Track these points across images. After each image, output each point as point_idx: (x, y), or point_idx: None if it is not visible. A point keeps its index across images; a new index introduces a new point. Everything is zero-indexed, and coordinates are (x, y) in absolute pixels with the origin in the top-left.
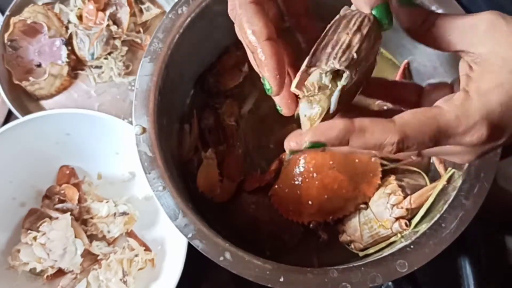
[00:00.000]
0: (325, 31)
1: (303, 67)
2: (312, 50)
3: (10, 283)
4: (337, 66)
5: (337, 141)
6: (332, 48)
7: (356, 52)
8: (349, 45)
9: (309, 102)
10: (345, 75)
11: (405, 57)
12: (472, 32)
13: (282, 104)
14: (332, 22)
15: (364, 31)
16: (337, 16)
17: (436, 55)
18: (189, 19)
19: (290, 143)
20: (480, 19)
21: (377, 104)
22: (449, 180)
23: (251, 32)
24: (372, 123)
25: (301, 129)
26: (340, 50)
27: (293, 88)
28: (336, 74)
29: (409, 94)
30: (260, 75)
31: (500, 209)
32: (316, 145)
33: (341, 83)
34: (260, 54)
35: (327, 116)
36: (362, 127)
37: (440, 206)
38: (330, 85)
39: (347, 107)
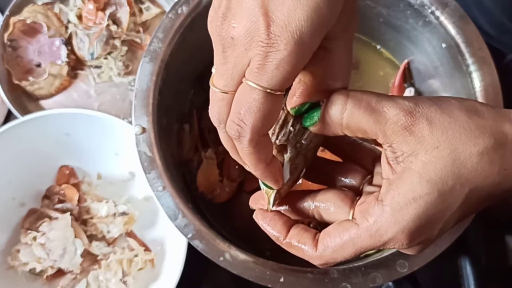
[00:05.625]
0: None
1: None
2: None
3: (9, 283)
4: (277, 143)
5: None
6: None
7: (292, 126)
8: (285, 120)
9: None
10: (288, 148)
11: (405, 57)
12: (396, 125)
13: (268, 182)
14: None
15: None
16: None
17: (437, 55)
18: (189, 19)
19: (253, 205)
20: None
21: None
22: None
23: (254, 162)
24: (297, 246)
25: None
26: (277, 126)
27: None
28: (281, 148)
29: (365, 160)
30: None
31: (500, 209)
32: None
33: (287, 156)
34: (262, 176)
35: (283, 186)
36: (290, 245)
37: None
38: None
39: (310, 164)
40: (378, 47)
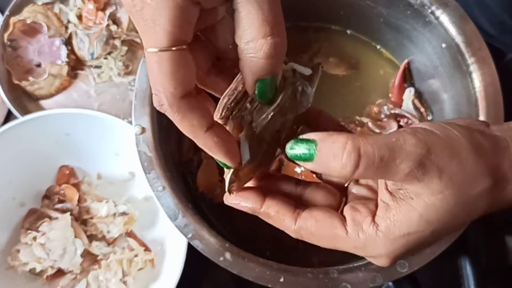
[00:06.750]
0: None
1: None
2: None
3: (9, 283)
4: (230, 118)
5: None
6: (228, 98)
7: (250, 102)
8: (244, 95)
9: None
10: (244, 126)
11: (405, 57)
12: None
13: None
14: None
15: None
16: None
17: (437, 55)
18: None
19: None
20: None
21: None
22: None
23: (189, 129)
24: (276, 215)
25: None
26: (234, 100)
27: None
28: (236, 125)
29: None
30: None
31: (500, 209)
32: None
33: (243, 134)
34: (205, 146)
35: (243, 169)
36: (268, 214)
37: None
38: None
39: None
40: (378, 47)
